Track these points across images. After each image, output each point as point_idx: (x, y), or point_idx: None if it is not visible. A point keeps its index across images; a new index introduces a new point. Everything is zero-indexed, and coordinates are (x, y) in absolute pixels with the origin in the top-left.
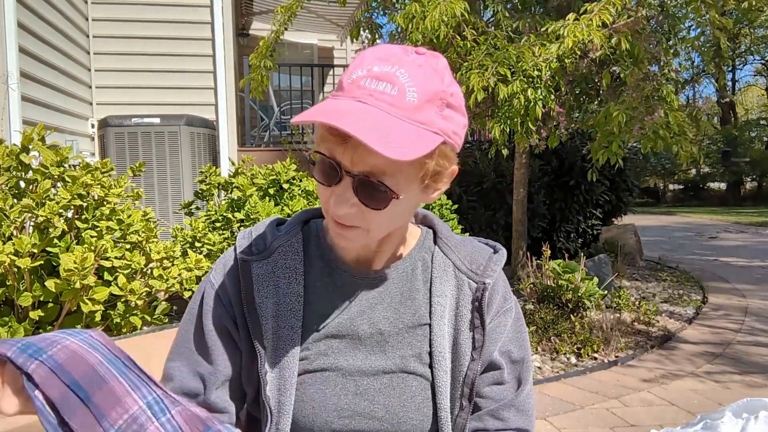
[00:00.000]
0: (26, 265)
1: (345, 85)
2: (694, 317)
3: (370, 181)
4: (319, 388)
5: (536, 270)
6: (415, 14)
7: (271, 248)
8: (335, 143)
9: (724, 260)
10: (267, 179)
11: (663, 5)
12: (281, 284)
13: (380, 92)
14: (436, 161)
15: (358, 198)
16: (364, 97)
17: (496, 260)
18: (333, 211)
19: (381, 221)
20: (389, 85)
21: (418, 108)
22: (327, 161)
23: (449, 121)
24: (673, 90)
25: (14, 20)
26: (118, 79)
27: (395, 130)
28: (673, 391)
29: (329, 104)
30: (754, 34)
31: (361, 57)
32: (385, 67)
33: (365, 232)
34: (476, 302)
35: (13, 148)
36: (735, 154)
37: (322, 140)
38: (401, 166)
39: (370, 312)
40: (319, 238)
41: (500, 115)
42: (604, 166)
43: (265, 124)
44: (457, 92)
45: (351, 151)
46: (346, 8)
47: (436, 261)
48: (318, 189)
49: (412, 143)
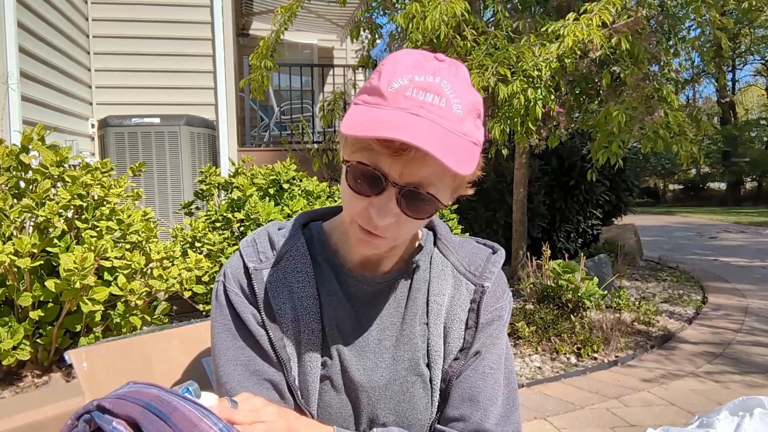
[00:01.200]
0: (26, 265)
1: (386, 93)
2: (694, 317)
3: (419, 192)
4: (334, 395)
5: (536, 270)
6: (415, 14)
7: (279, 254)
8: (385, 155)
9: (724, 260)
10: (267, 179)
11: (663, 5)
12: (295, 289)
13: (430, 104)
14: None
15: (400, 208)
16: (416, 109)
17: (494, 261)
18: (375, 221)
19: (411, 230)
20: (437, 97)
21: (462, 119)
22: (370, 171)
23: (480, 130)
24: (673, 90)
25: (14, 20)
26: (118, 79)
27: (451, 143)
28: (673, 391)
29: (378, 114)
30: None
31: (393, 63)
32: (428, 77)
33: (391, 241)
34: (474, 303)
35: (13, 148)
36: (735, 154)
37: (364, 149)
38: (445, 177)
39: (378, 317)
40: (322, 242)
41: (500, 115)
42: (604, 166)
43: (265, 124)
44: (481, 101)
45: (401, 164)
46: (346, 8)
47: (435, 262)
48: (348, 197)
49: (465, 155)
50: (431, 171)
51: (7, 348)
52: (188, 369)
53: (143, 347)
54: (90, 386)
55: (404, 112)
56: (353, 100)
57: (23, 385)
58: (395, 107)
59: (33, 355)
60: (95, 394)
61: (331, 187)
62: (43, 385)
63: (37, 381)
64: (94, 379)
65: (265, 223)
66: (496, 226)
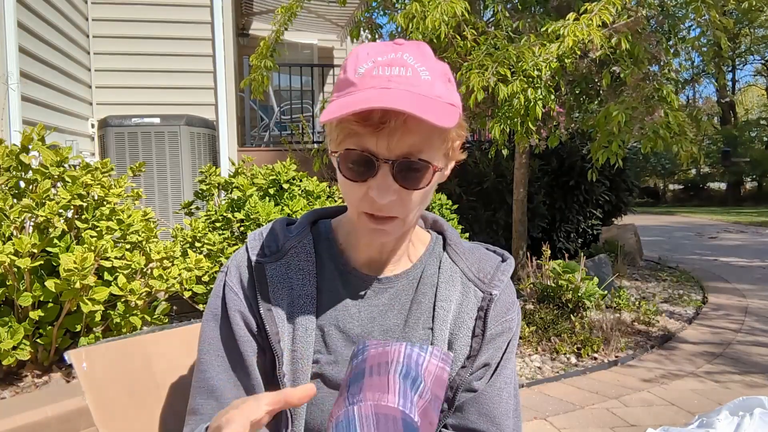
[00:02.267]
0: (26, 265)
1: (355, 80)
2: (694, 317)
3: (411, 161)
4: (327, 392)
5: (536, 270)
6: (415, 14)
7: (283, 249)
8: (368, 134)
9: (724, 260)
10: (267, 179)
11: (663, 5)
12: (295, 285)
13: (397, 76)
14: (456, 131)
15: (398, 183)
16: (385, 83)
17: (503, 270)
18: (378, 201)
19: (417, 204)
20: (403, 69)
21: (432, 84)
22: (360, 155)
23: (454, 94)
24: (673, 90)
25: (14, 20)
26: (118, 79)
27: (426, 104)
28: (673, 391)
29: (351, 98)
30: (754, 34)
31: (355, 55)
32: (389, 55)
33: (401, 222)
34: (481, 311)
35: (13, 148)
36: (735, 154)
37: (349, 136)
38: (433, 141)
39: (381, 319)
40: (329, 240)
41: (500, 115)
42: (604, 166)
43: (265, 124)
44: (448, 68)
45: (387, 138)
46: (346, 8)
47: (444, 267)
48: (347, 188)
49: (443, 112)
50: (417, 138)
51: (7, 348)
52: (189, 369)
53: (143, 347)
54: (90, 386)
55: (375, 89)
56: (329, 100)
57: (23, 385)
58: (366, 88)
59: (33, 355)
60: (95, 394)
61: (331, 187)
62: (43, 385)
63: (37, 381)
64: (94, 379)
65: (265, 223)
66: (496, 226)
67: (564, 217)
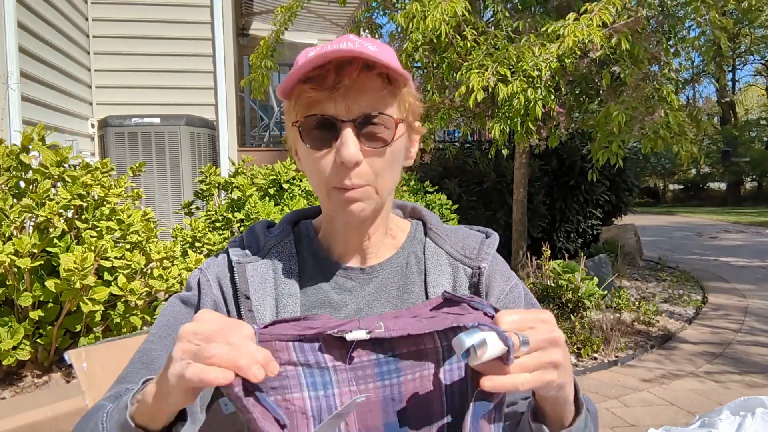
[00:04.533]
0: (26, 265)
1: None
2: (694, 317)
3: (372, 115)
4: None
5: (536, 270)
6: (415, 14)
7: (264, 249)
8: (325, 99)
9: (724, 260)
10: (267, 179)
11: (663, 5)
12: (278, 284)
13: (344, 49)
14: (412, 98)
15: (362, 143)
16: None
17: (488, 244)
18: (346, 160)
19: (386, 168)
20: (349, 43)
21: (379, 53)
22: (321, 118)
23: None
24: (673, 90)
25: (14, 20)
26: (118, 79)
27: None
28: (673, 391)
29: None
30: (754, 34)
31: (304, 52)
32: (337, 43)
33: (373, 191)
34: (473, 288)
35: (13, 148)
36: (735, 154)
37: (305, 106)
38: (387, 99)
39: (367, 309)
40: (310, 238)
41: (500, 115)
42: (604, 166)
43: (265, 124)
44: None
45: (343, 98)
46: (346, 8)
47: (429, 251)
48: (312, 162)
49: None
50: (372, 96)
51: (7, 348)
52: None
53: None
54: (90, 386)
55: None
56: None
57: (23, 385)
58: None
59: (33, 355)
60: (95, 394)
61: None
62: (43, 385)
63: (37, 381)
64: (94, 379)
65: None
66: (496, 226)
67: (564, 217)
